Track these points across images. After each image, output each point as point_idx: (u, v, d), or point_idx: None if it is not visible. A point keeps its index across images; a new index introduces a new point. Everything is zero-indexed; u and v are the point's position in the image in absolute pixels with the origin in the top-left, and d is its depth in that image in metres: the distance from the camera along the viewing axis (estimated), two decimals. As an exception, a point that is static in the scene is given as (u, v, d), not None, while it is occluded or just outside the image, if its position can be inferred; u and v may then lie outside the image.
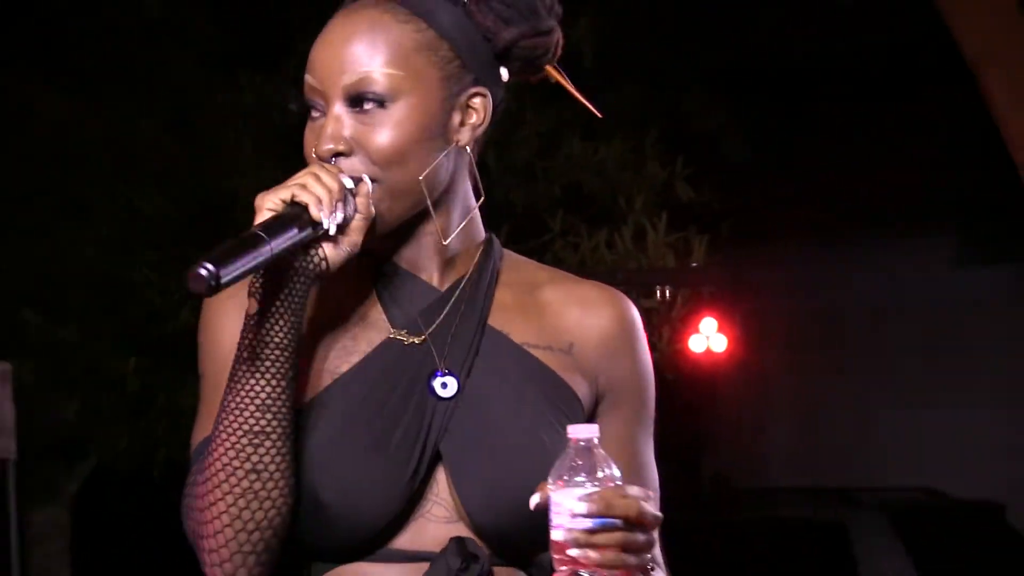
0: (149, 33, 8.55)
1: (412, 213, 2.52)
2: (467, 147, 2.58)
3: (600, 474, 2.33)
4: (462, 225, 2.58)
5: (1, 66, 8.53)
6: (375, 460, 2.48)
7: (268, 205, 2.35)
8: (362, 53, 2.55)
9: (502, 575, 2.54)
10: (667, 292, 8.36)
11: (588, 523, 2.75)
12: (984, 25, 6.48)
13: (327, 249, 2.42)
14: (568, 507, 2.42)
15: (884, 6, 9.45)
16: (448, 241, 2.56)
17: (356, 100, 2.52)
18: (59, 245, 8.45)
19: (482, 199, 2.61)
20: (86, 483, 9.51)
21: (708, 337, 8.51)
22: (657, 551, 2.44)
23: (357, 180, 2.47)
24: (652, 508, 2.35)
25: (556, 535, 2.38)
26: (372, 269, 2.60)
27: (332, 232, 2.41)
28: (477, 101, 2.56)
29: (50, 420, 8.62)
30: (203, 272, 2.22)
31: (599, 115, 2.69)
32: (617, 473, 2.33)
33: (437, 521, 2.51)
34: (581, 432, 2.33)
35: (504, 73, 2.62)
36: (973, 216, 11.45)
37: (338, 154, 2.52)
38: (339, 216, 2.41)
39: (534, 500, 2.41)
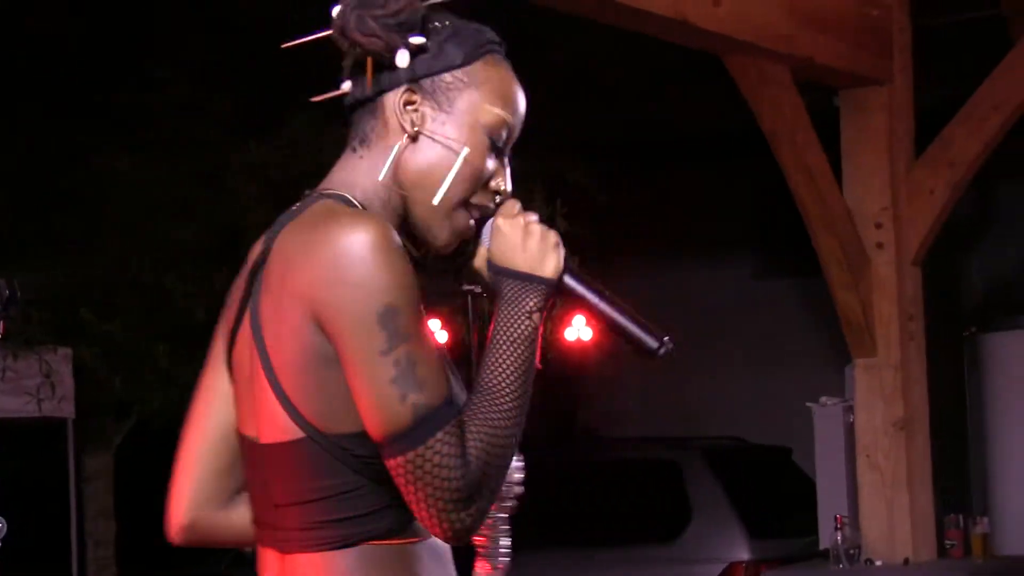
0: (182, 108, 8.57)
1: None
2: None
3: None
4: None
5: (76, 129, 8.53)
6: None
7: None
8: None
9: None
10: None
11: None
12: (771, 104, 6.53)
13: None
14: None
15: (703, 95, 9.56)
16: None
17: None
18: (110, 261, 8.43)
19: None
20: (127, 436, 9.47)
21: (578, 329, 8.58)
22: None
23: None
24: None
25: None
26: None
27: None
28: None
29: (100, 389, 8.60)
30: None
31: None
32: None
33: None
34: None
35: None
36: (768, 240, 11.60)
37: None
38: None
39: None
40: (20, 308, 3.56)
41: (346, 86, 2.17)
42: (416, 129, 2.14)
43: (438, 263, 2.33)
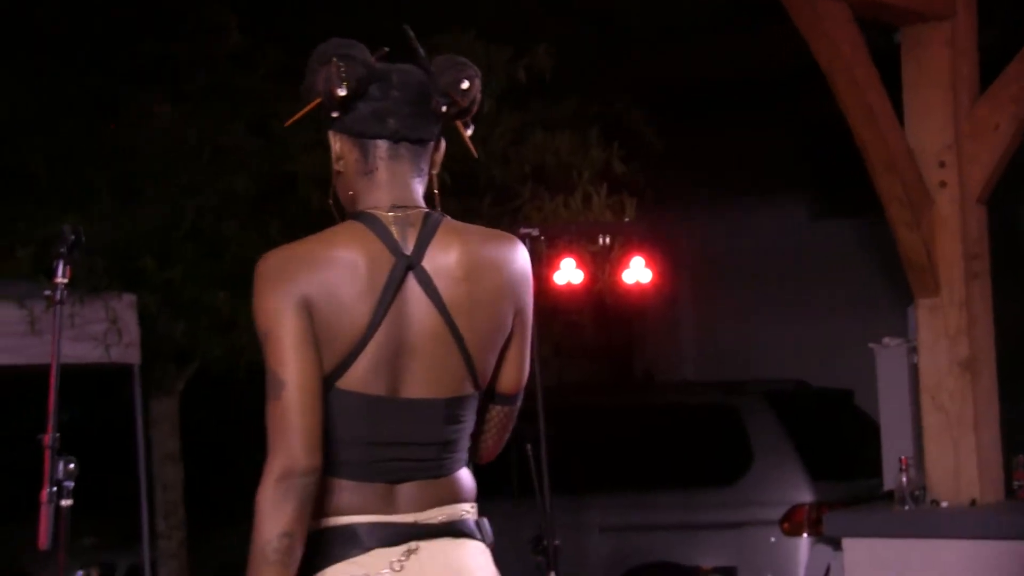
0: (235, 58, 8.44)
1: None
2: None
3: None
4: None
5: (129, 82, 8.41)
6: None
7: None
8: None
9: None
10: (607, 240, 8.23)
11: None
12: (829, 41, 6.31)
13: None
14: None
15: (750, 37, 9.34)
16: None
17: None
18: (171, 211, 8.33)
19: None
20: (190, 381, 9.41)
21: (637, 272, 8.40)
22: None
23: None
24: None
25: None
26: None
27: None
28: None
29: (164, 336, 8.53)
30: None
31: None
32: None
33: None
34: None
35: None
36: (825, 180, 11.40)
37: None
38: None
39: None
40: (84, 254, 3.47)
41: (470, 130, 2.82)
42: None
43: (494, 210, 2.73)
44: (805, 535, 7.98)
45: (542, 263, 7.72)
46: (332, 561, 2.63)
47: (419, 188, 2.76)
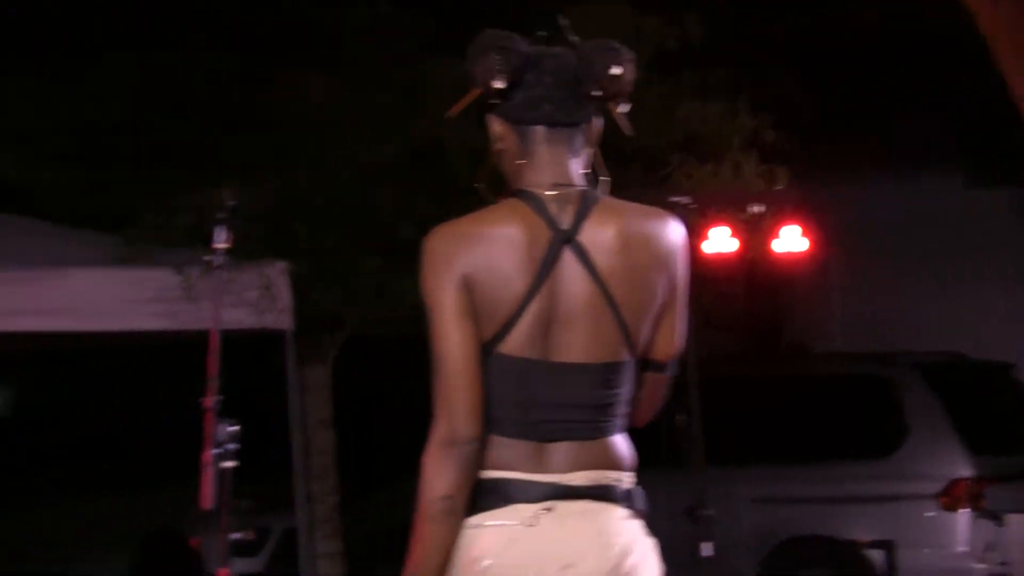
0: (384, 27, 8.45)
1: None
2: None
3: None
4: None
5: (283, 51, 8.47)
6: None
7: None
8: None
9: None
10: (758, 209, 8.14)
11: None
12: (990, 4, 6.13)
13: None
14: None
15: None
16: None
17: None
18: (322, 178, 8.38)
19: None
20: (342, 347, 9.47)
21: (788, 241, 8.29)
22: None
23: None
24: None
25: None
26: None
27: None
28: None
29: (317, 303, 8.59)
30: None
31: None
32: None
33: None
34: None
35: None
36: (981, 148, 11.16)
37: None
38: None
39: None
40: (242, 220, 3.52)
41: (624, 107, 2.92)
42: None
43: (643, 178, 2.74)
44: (965, 509, 7.81)
45: (692, 232, 7.62)
46: (476, 511, 2.81)
47: (576, 167, 2.91)
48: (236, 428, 3.55)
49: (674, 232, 2.91)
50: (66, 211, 8.62)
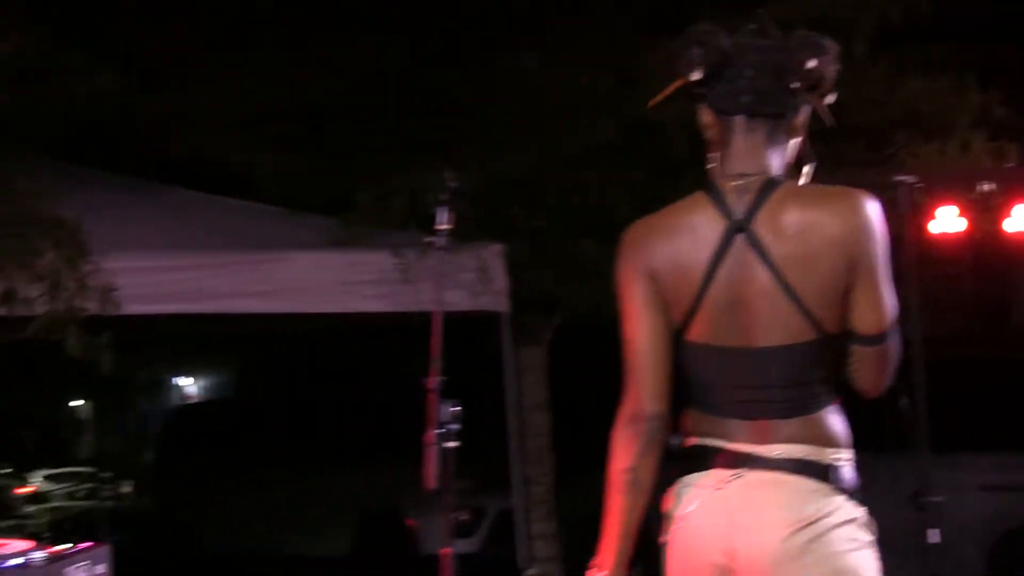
0: (598, 8, 8.43)
1: None
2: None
3: None
4: None
5: (497, 31, 8.50)
6: None
7: None
8: None
9: None
10: (986, 187, 7.93)
11: None
12: None
13: None
14: None
15: None
16: None
17: None
18: (538, 159, 8.41)
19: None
20: (557, 330, 9.51)
21: (1021, 220, 8.05)
22: None
23: None
24: None
25: None
26: None
27: None
28: None
29: (532, 285, 8.63)
30: None
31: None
32: None
33: None
34: None
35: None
36: None
37: None
38: None
39: None
40: (462, 201, 3.58)
41: (830, 98, 3.08)
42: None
43: (867, 156, 2.79)
44: None
45: (918, 212, 7.47)
46: (682, 473, 3.11)
47: (772, 157, 3.08)
48: (458, 408, 3.62)
49: (856, 210, 2.99)
50: (286, 195, 8.82)
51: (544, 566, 9.24)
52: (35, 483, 21.18)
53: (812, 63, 3.01)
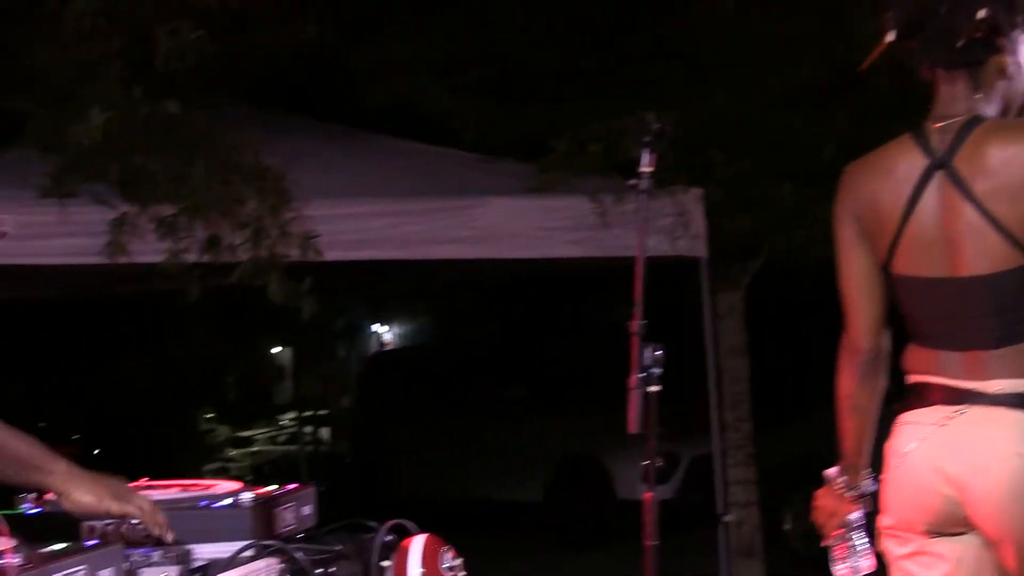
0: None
1: None
2: None
3: None
4: None
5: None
6: None
7: None
8: None
9: None
10: None
11: None
12: None
13: None
14: None
15: None
16: None
17: None
18: (737, 103, 8.35)
19: None
20: (755, 276, 9.46)
21: None
22: None
23: None
24: None
25: None
26: None
27: None
28: None
29: (730, 230, 8.59)
30: None
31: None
32: None
33: None
34: None
35: None
36: None
37: None
38: None
39: None
40: (665, 144, 3.58)
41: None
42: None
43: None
44: None
45: None
46: (904, 409, 3.26)
47: (977, 101, 3.24)
48: (661, 352, 3.64)
49: None
50: (483, 142, 8.89)
51: (742, 512, 9.24)
52: (238, 428, 21.79)
53: (982, 13, 3.18)
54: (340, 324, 22.77)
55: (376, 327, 25.07)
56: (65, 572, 2.81)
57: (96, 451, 15.46)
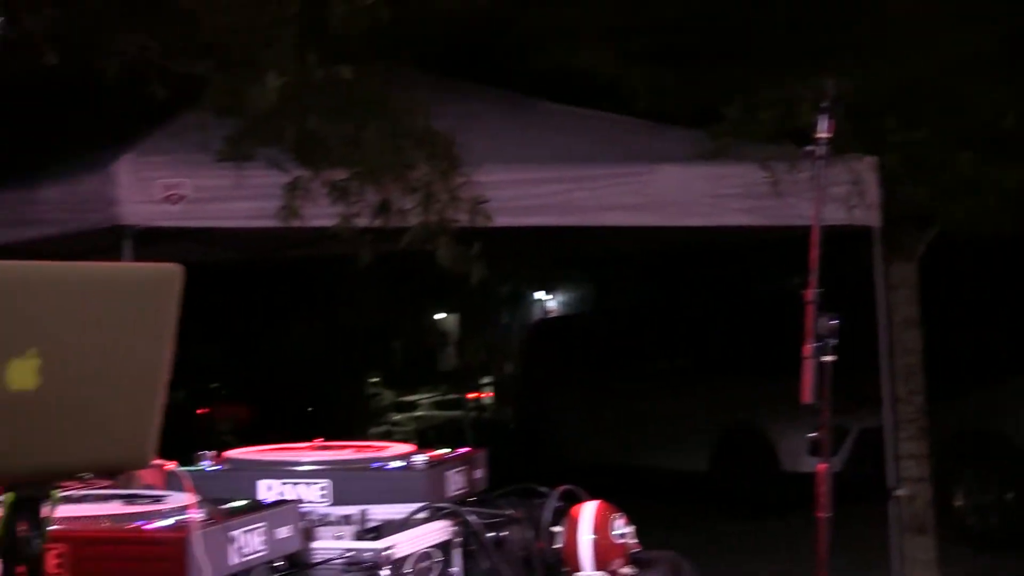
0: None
1: None
2: None
3: None
4: None
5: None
6: None
7: None
8: None
9: None
10: None
11: None
12: None
13: None
14: None
15: None
16: None
17: None
18: (914, 69, 8.19)
19: None
20: (930, 245, 9.28)
21: None
22: None
23: None
24: None
25: None
26: None
27: None
28: None
29: (905, 199, 8.45)
30: None
31: None
32: None
33: None
34: None
35: None
36: None
37: None
38: None
39: None
40: (843, 110, 3.55)
41: None
42: None
43: None
44: None
45: None
46: None
47: None
48: (836, 322, 3.60)
49: None
50: (653, 108, 8.85)
51: (913, 487, 9.10)
52: (402, 393, 22.04)
53: None
54: (504, 291, 22.87)
55: (540, 294, 25.14)
56: (245, 528, 2.87)
57: (265, 413, 15.74)
